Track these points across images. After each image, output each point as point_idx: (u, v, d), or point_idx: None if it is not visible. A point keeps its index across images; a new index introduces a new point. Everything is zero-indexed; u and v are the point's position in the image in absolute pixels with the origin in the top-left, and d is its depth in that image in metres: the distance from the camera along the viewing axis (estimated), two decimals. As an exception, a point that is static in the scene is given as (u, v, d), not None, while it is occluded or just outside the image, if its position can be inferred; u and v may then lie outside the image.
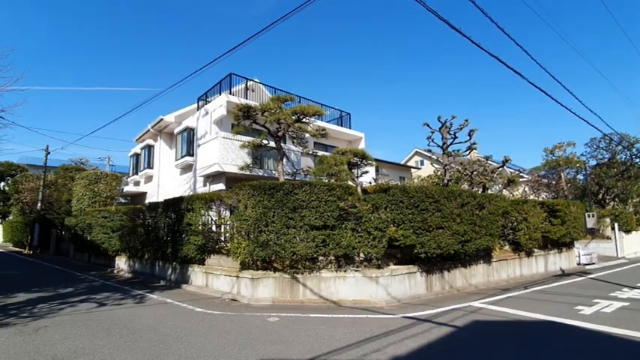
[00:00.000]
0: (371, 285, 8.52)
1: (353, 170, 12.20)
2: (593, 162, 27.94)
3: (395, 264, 9.27)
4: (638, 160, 26.41)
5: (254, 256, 8.29)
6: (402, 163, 33.38)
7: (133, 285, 11.24)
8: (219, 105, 13.71)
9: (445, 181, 15.50)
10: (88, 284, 11.41)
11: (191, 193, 14.27)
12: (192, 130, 15.62)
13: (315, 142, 17.00)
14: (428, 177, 22.68)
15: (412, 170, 30.14)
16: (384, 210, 8.84)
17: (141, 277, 13.02)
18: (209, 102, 15.04)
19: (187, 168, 15.96)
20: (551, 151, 28.57)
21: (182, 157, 15.84)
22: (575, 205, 16.32)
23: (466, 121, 14.86)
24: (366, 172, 13.67)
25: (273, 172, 13.86)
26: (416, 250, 8.98)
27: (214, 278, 9.70)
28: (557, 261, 15.07)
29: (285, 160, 12.91)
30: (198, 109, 15.83)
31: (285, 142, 14.38)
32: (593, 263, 17.06)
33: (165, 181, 18.08)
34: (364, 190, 9.76)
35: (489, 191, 15.16)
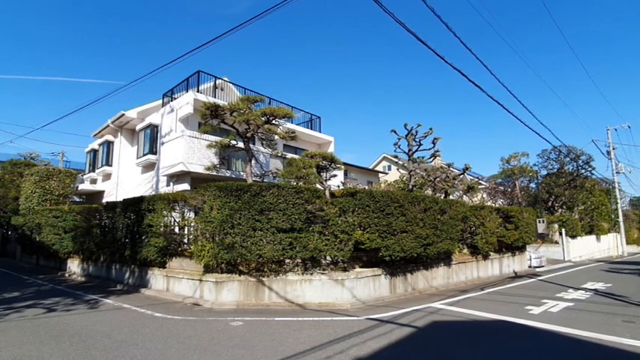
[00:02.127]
0: (337, 288, 8.60)
1: (322, 173, 12.28)
2: (544, 172, 30.04)
3: (360, 267, 9.42)
4: (583, 170, 28.75)
5: (219, 259, 8.09)
6: (371, 167, 34.07)
7: (87, 289, 10.58)
8: (185, 102, 13.29)
9: (410, 187, 16.00)
10: (36, 288, 10.60)
11: (153, 193, 13.68)
12: (156, 127, 15.01)
13: (284, 145, 16.93)
14: (394, 182, 23.29)
15: (380, 175, 30.85)
16: (351, 213, 8.98)
17: (95, 280, 12.29)
18: (175, 99, 14.54)
19: (150, 167, 15.30)
20: (507, 160, 30.37)
21: (144, 154, 15.16)
22: (528, 211, 17.47)
23: (430, 129, 15.47)
24: (335, 175, 13.80)
25: (241, 173, 13.63)
26: (381, 253, 9.19)
27: (176, 282, 9.35)
28: (511, 264, 16.02)
29: (253, 161, 12.74)
30: (163, 106, 15.23)
31: (254, 144, 14.19)
32: (543, 266, 18.30)
33: (125, 179, 17.19)
34: (332, 194, 9.86)
35: (451, 197, 15.85)
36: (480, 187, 24.08)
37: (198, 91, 13.70)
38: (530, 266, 17.65)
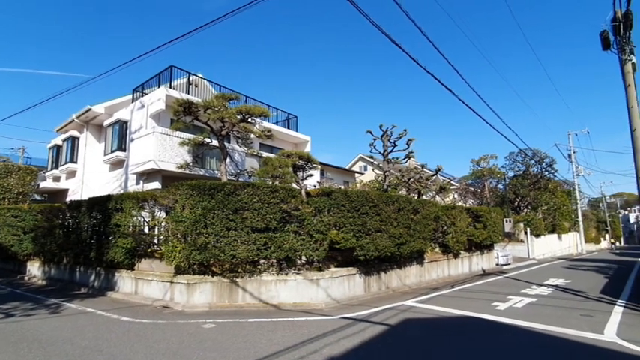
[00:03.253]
0: (311, 287, 8.59)
1: (298, 173, 12.23)
2: (511, 173, 31.47)
3: (335, 266, 9.47)
4: (546, 173, 30.35)
5: (191, 260, 7.88)
6: (347, 168, 34.32)
7: (48, 293, 10.01)
8: (157, 98, 12.85)
9: (385, 187, 16.26)
10: (-10, 293, 9.91)
11: (122, 191, 13.14)
12: (126, 123, 14.41)
13: (260, 144, 16.74)
14: (369, 182, 23.59)
15: (356, 175, 31.13)
16: (327, 213, 9.00)
17: (58, 284, 11.64)
18: (146, 94, 14.03)
19: (118, 164, 14.68)
20: (477, 162, 31.54)
21: (112, 152, 14.52)
22: (496, 211, 18.22)
23: (405, 130, 15.79)
24: (311, 175, 13.78)
25: (216, 172, 13.34)
26: (356, 253, 9.27)
27: (145, 284, 9.02)
28: (480, 262, 16.65)
29: (228, 160, 12.50)
30: (133, 101, 14.66)
31: (229, 142, 13.93)
32: (509, 263, 19.14)
33: (91, 177, 16.40)
34: (308, 193, 9.84)
35: (424, 197, 16.25)
36: (451, 187, 24.84)
37: (170, 87, 13.29)
38: (497, 264, 18.41)
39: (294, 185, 10.61)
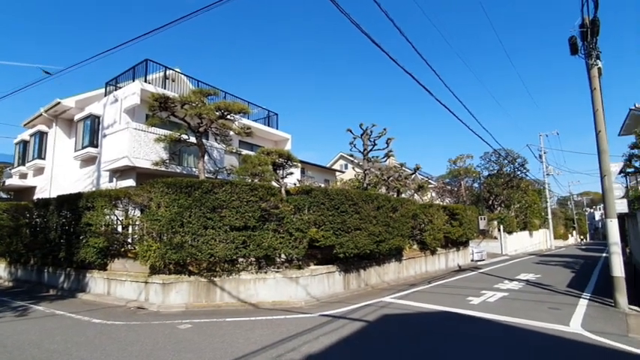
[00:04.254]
0: (291, 285, 8.57)
1: (278, 171, 12.13)
2: (486, 172, 32.44)
3: (315, 264, 9.48)
4: (519, 172, 31.49)
5: (166, 260, 7.68)
6: (328, 166, 34.36)
7: (15, 295, 9.54)
8: (131, 92, 12.42)
9: (365, 185, 16.41)
10: (-54, 297, 9.31)
11: (93, 189, 12.64)
12: (98, 117, 13.86)
13: (240, 141, 16.50)
14: (349, 180, 23.74)
15: (337, 174, 31.25)
16: (307, 211, 8.99)
17: (25, 285, 11.11)
18: (120, 88, 13.54)
19: (90, 161, 14.10)
20: (454, 161, 32.37)
21: (83, 147, 13.94)
22: (471, 209, 18.76)
23: (384, 129, 15.96)
24: (291, 173, 13.71)
25: (194, 169, 13.06)
26: (335, 251, 9.32)
27: (118, 285, 8.73)
28: (456, 258, 17.11)
29: (206, 157, 12.27)
30: (105, 95, 14.10)
31: (207, 139, 13.67)
32: (484, 259, 19.78)
33: (60, 174, 15.68)
34: (287, 192, 9.79)
35: (403, 195, 16.50)
36: (429, 186, 25.37)
37: (146, 81, 12.87)
38: (472, 260, 18.99)
39: (274, 183, 10.52)
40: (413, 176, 18.14)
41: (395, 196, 14.96)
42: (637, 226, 10.88)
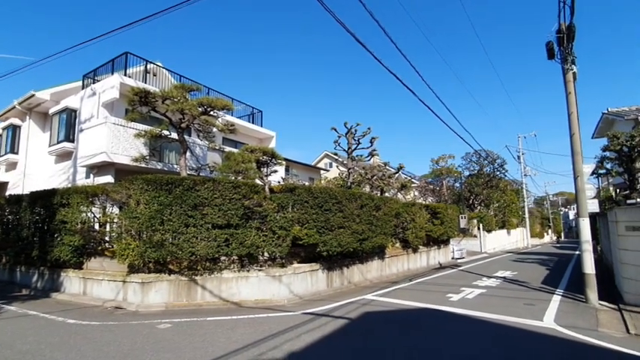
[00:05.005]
0: (274, 284, 8.54)
1: (262, 169, 12.05)
2: (467, 172, 33.24)
3: (298, 262, 9.48)
4: (498, 172, 32.40)
5: (145, 258, 7.51)
6: (313, 164, 34.35)
7: (-18, 296, 9.10)
8: (110, 86, 12.04)
9: (349, 184, 16.50)
10: None
11: (69, 185, 12.22)
12: (75, 111, 13.38)
13: (224, 138, 16.29)
14: (333, 179, 23.83)
15: (322, 172, 31.27)
16: (290, 209, 8.97)
17: (-7, 286, 10.62)
18: (98, 81, 13.11)
19: (65, 156, 13.62)
20: (436, 161, 33.04)
21: (59, 142, 13.44)
22: (452, 208, 19.17)
23: (369, 129, 16.09)
24: (275, 171, 13.64)
25: (175, 166, 12.80)
26: (319, 249, 9.33)
27: (95, 284, 8.47)
28: (437, 256, 17.44)
29: (188, 154, 12.04)
30: (83, 88, 13.63)
31: (189, 135, 13.43)
32: (463, 257, 20.24)
33: (34, 170, 15.07)
34: (271, 190, 9.75)
35: (386, 194, 16.70)
36: (412, 185, 25.75)
37: (125, 75, 12.50)
38: (453, 258, 19.41)
39: (257, 181, 10.45)
40: (396, 175, 18.38)
41: (378, 194, 15.12)
42: (607, 225, 11.37)
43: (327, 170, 33.19)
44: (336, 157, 18.77)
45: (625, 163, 10.66)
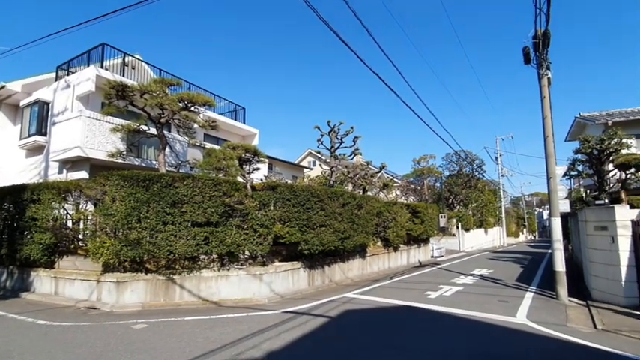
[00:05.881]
0: (254, 282, 8.47)
1: (244, 166, 11.89)
2: (447, 173, 33.92)
3: (280, 260, 9.44)
4: (477, 173, 33.23)
5: (121, 257, 7.29)
6: (296, 163, 34.26)
7: (-57, 297, 8.62)
8: (85, 78, 11.60)
9: (331, 182, 16.54)
10: None
11: (41, 180, 11.71)
12: (47, 104, 12.84)
13: (205, 134, 16.01)
14: (316, 177, 23.83)
15: (305, 170, 31.23)
16: (272, 207, 8.91)
17: (-44, 286, 10.06)
18: (73, 73, 12.62)
19: (37, 150, 13.05)
20: (418, 161, 33.55)
21: (30, 135, 12.86)
22: (432, 207, 19.54)
23: (352, 128, 16.15)
24: (258, 169, 13.49)
25: (154, 162, 12.47)
26: (300, 247, 9.32)
27: (67, 284, 8.16)
28: (417, 254, 17.75)
29: (168, 150, 11.77)
30: (57, 80, 13.08)
31: (169, 131, 13.14)
32: (443, 255, 20.68)
33: (3, 164, 14.34)
34: (253, 187, 9.66)
35: (369, 193, 16.85)
36: (394, 185, 26.08)
37: (102, 67, 12.08)
38: (432, 256, 19.80)
39: (239, 179, 10.31)
40: (379, 175, 18.57)
41: (361, 193, 15.23)
42: (578, 224, 11.87)
43: (311, 169, 33.18)
44: (320, 156, 18.82)
45: (595, 165, 11.16)
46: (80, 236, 8.80)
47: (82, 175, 11.23)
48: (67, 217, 8.79)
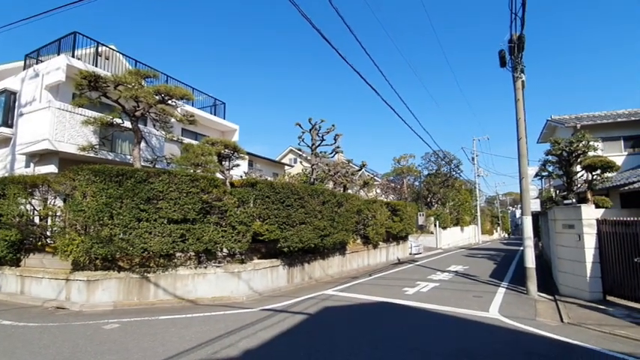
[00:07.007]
0: (232, 280, 8.35)
1: (223, 163, 11.69)
2: (425, 172, 34.58)
3: (259, 258, 9.34)
4: (454, 172, 34.06)
5: (92, 255, 7.02)
6: (277, 159, 33.97)
7: None
8: (55, 67, 11.05)
9: (312, 180, 16.50)
10: None
11: (7, 174, 11.10)
12: (14, 94, 12.15)
13: (183, 129, 15.63)
14: (297, 174, 23.73)
15: (286, 167, 31.02)
16: (251, 204, 8.80)
17: None
18: (42, 62, 12.00)
19: (3, 142, 12.34)
20: (398, 160, 34.03)
21: (-6, 127, 12.14)
22: (411, 205, 19.89)
23: (333, 125, 16.15)
24: (238, 165, 13.32)
25: (128, 157, 12.05)
26: (279, 245, 9.26)
27: (34, 282, 7.79)
28: (396, 252, 18.03)
29: (143, 144, 11.40)
30: (25, 69, 12.40)
31: (145, 124, 12.72)
32: (420, 253, 21.10)
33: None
34: (232, 184, 9.51)
35: (349, 191, 16.93)
36: (375, 183, 26.35)
37: (73, 56, 11.53)
38: (411, 253, 20.16)
39: (218, 175, 10.12)
40: (359, 173, 18.69)
41: (341, 191, 15.29)
42: (547, 223, 12.37)
43: (292, 166, 32.99)
44: (301, 153, 18.74)
45: (564, 166, 11.63)
46: (48, 233, 8.41)
47: (51, 169, 10.72)
48: (34, 212, 8.37)
